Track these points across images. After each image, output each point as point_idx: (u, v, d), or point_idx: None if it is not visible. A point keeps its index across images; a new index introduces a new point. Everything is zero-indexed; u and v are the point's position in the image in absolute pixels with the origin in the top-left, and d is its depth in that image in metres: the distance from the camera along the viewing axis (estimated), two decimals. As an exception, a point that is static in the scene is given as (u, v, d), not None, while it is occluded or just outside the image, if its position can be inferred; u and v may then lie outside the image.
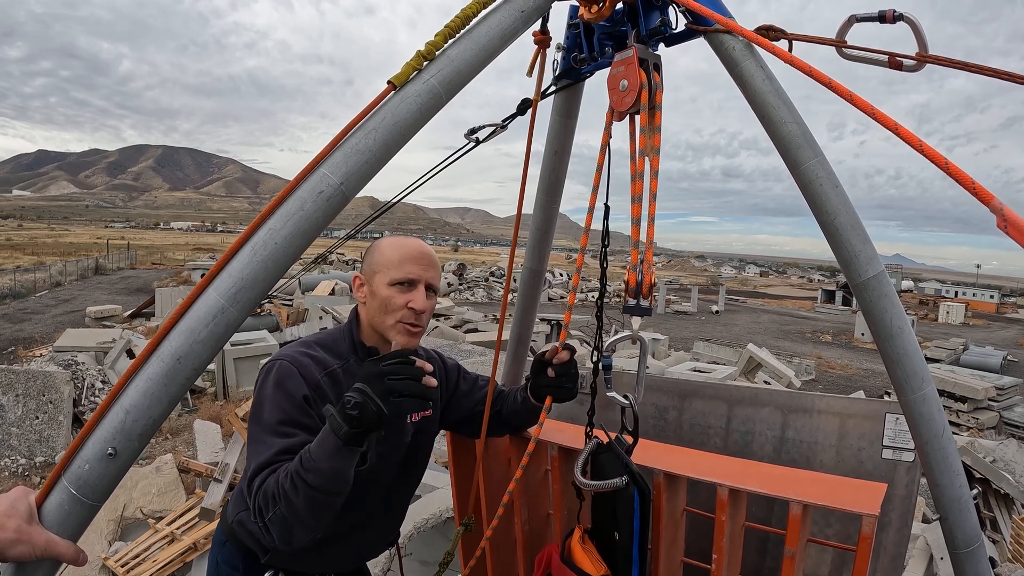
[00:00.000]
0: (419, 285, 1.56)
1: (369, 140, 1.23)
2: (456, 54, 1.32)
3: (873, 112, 1.00)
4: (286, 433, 1.41)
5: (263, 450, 1.39)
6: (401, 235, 1.69)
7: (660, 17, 1.49)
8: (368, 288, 1.60)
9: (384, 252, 1.59)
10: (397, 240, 1.63)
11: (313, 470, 1.24)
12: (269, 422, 1.42)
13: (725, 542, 1.57)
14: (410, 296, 1.54)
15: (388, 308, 1.54)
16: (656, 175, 1.46)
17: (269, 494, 1.31)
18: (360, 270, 1.66)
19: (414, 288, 1.55)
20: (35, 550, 1.07)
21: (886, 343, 1.43)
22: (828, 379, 17.32)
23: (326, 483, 1.25)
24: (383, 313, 1.55)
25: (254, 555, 1.63)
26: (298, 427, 1.42)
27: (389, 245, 1.61)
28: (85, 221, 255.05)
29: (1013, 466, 6.40)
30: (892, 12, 1.24)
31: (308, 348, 1.57)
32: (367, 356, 1.60)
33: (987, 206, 0.83)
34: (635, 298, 1.46)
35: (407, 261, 1.56)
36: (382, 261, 1.57)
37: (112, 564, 4.47)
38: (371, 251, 1.64)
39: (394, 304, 1.54)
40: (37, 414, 7.33)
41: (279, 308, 15.92)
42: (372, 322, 1.60)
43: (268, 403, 1.45)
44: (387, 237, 1.67)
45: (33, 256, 47.45)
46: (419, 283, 1.56)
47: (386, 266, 1.56)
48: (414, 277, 1.55)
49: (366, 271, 1.61)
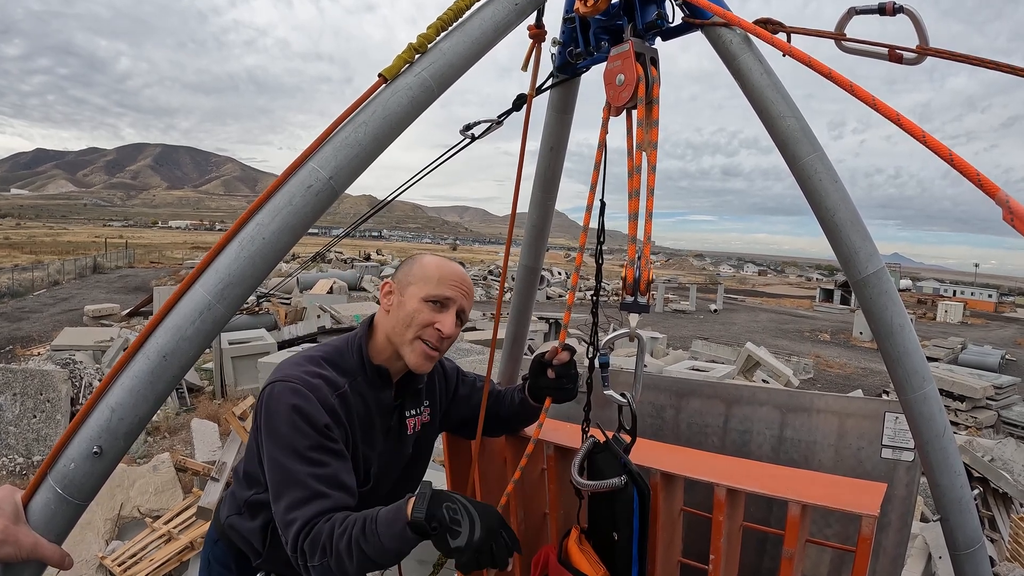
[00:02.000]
0: (451, 309, 1.53)
1: (359, 134, 1.21)
2: (448, 47, 1.29)
3: (875, 103, 0.98)
4: (317, 461, 1.34)
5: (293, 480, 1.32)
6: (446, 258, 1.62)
7: (657, 10, 1.46)
8: (398, 297, 1.54)
9: (425, 267, 1.55)
10: (442, 260, 1.59)
11: (375, 544, 1.20)
12: (296, 448, 1.34)
13: (723, 542, 1.55)
14: (440, 317, 1.50)
15: (413, 322, 1.49)
16: (653, 170, 1.44)
17: (320, 544, 1.25)
18: (393, 277, 1.60)
19: (446, 310, 1.52)
20: (21, 551, 1.05)
21: (886, 341, 1.41)
22: (826, 378, 17.32)
23: (383, 557, 1.22)
24: (406, 326, 1.50)
25: (245, 556, 1.61)
26: (326, 453, 1.36)
27: (432, 261, 1.57)
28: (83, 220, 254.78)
29: (1011, 465, 6.39)
30: (892, 4, 1.22)
31: (316, 366, 1.48)
32: (376, 376, 1.55)
33: (992, 198, 0.81)
34: (633, 295, 1.44)
35: (447, 281, 1.52)
36: (421, 275, 1.53)
37: (109, 563, 4.45)
38: (411, 262, 1.59)
39: (421, 320, 1.49)
40: (35, 413, 7.30)
41: (277, 307, 15.89)
42: (391, 334, 1.54)
43: (288, 428, 1.36)
44: (432, 254, 1.61)
45: (31, 255, 47.38)
46: (452, 307, 1.53)
47: (425, 280, 1.52)
48: (450, 296, 1.52)
49: (400, 280, 1.56)
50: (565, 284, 40.18)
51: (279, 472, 1.35)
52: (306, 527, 1.28)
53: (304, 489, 1.31)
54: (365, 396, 1.52)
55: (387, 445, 1.61)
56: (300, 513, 1.29)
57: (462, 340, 12.86)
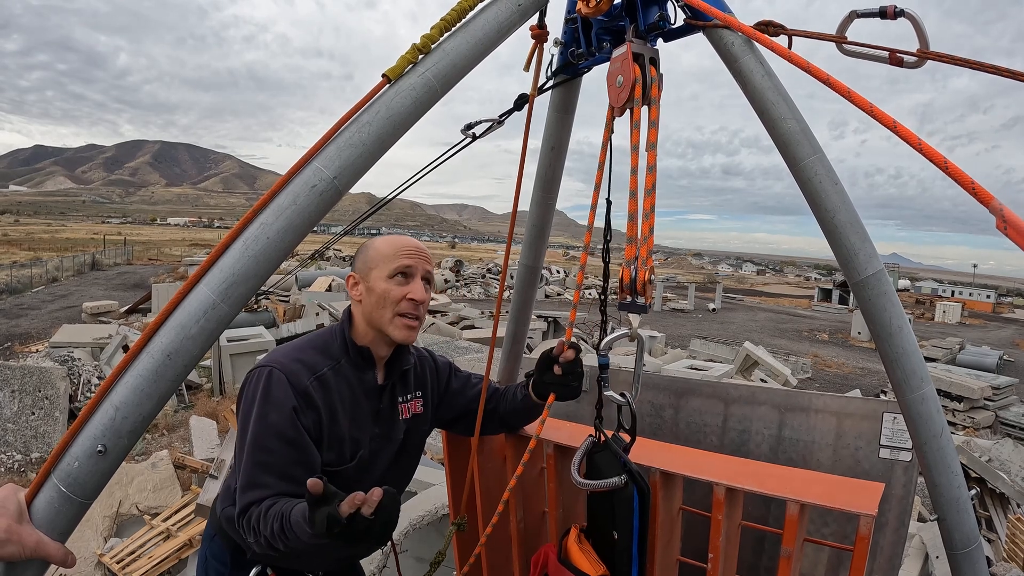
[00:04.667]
0: (416, 276, 1.59)
1: (363, 134, 1.21)
2: (452, 47, 1.30)
3: (872, 110, 0.99)
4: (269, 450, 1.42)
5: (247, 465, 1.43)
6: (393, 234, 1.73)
7: (658, 12, 1.47)
8: (364, 285, 1.61)
9: (378, 248, 1.62)
10: (388, 237, 1.67)
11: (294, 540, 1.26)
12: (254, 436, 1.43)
13: (721, 541, 1.56)
14: (408, 288, 1.57)
15: (387, 301, 1.56)
16: (650, 169, 1.44)
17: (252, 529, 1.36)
18: (354, 269, 1.66)
19: (412, 279, 1.59)
20: (25, 550, 1.05)
21: (885, 342, 1.42)
22: (824, 377, 17.34)
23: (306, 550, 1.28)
24: (381, 307, 1.57)
25: (242, 550, 1.62)
26: (284, 441, 1.43)
27: (382, 241, 1.64)
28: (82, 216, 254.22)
29: (1009, 465, 6.41)
30: (893, 8, 1.22)
31: (299, 352, 1.57)
32: (359, 356, 1.61)
33: (986, 207, 0.81)
34: (631, 295, 1.44)
35: (401, 253, 1.59)
36: (377, 257, 1.60)
37: (108, 560, 4.45)
38: (363, 249, 1.67)
39: (392, 296, 1.56)
40: (33, 410, 7.30)
41: (276, 304, 15.89)
42: (369, 319, 1.60)
43: (255, 415, 1.45)
44: (379, 237, 1.69)
45: (30, 252, 47.28)
46: (416, 274, 1.59)
47: (382, 260, 1.59)
48: (410, 264, 1.58)
49: (360, 269, 1.63)
50: (564, 282, 40.20)
51: (239, 454, 1.47)
52: (244, 512, 1.39)
53: (248, 476, 1.41)
54: (349, 378, 1.59)
55: (379, 429, 1.65)
56: (242, 498, 1.40)
57: (460, 338, 12.86)
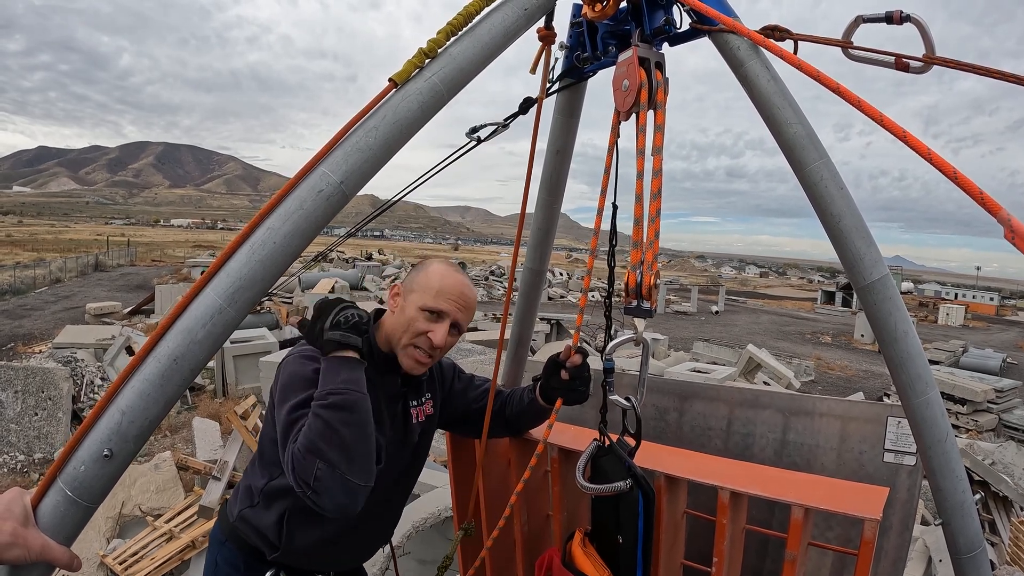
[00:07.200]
0: (446, 321, 1.58)
1: (370, 138, 1.22)
2: (458, 52, 1.30)
3: (881, 119, 0.99)
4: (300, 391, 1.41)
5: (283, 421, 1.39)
6: (453, 267, 1.67)
7: (664, 16, 1.47)
8: (402, 301, 1.61)
9: (429, 276, 1.60)
10: (446, 270, 1.63)
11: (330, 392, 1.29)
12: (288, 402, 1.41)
13: (726, 545, 1.56)
14: (433, 327, 1.56)
15: (409, 329, 1.56)
16: (656, 174, 1.44)
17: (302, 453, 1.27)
18: (402, 280, 1.67)
19: (441, 321, 1.57)
20: (30, 554, 1.05)
21: (890, 347, 1.42)
22: (827, 380, 17.29)
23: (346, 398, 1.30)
24: (403, 331, 1.57)
25: (256, 554, 1.61)
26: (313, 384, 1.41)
27: (436, 272, 1.61)
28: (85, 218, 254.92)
29: (1012, 469, 6.39)
30: (899, 13, 1.22)
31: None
32: (383, 361, 1.62)
33: (995, 216, 0.82)
34: (637, 299, 1.45)
35: (444, 294, 1.57)
36: (424, 284, 1.59)
37: (110, 562, 4.46)
38: (419, 268, 1.66)
39: (415, 328, 1.56)
40: (36, 411, 7.32)
41: (279, 306, 15.91)
42: (390, 335, 1.61)
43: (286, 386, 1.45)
44: (440, 263, 1.66)
45: (33, 252, 47.40)
46: (447, 319, 1.58)
47: (425, 290, 1.57)
48: (445, 310, 1.56)
49: (406, 285, 1.63)
50: (567, 284, 40.17)
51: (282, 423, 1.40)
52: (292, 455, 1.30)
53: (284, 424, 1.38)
54: (373, 381, 1.57)
55: (395, 434, 1.66)
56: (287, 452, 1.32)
57: (464, 341, 12.86)
